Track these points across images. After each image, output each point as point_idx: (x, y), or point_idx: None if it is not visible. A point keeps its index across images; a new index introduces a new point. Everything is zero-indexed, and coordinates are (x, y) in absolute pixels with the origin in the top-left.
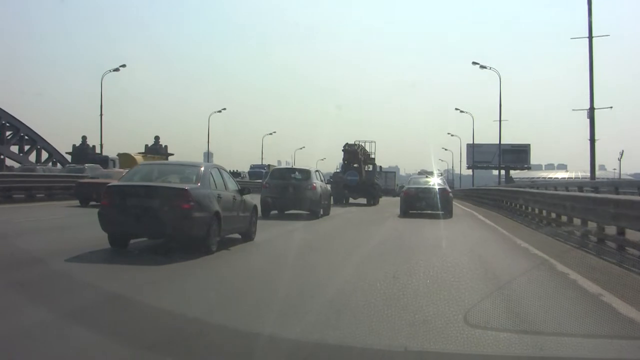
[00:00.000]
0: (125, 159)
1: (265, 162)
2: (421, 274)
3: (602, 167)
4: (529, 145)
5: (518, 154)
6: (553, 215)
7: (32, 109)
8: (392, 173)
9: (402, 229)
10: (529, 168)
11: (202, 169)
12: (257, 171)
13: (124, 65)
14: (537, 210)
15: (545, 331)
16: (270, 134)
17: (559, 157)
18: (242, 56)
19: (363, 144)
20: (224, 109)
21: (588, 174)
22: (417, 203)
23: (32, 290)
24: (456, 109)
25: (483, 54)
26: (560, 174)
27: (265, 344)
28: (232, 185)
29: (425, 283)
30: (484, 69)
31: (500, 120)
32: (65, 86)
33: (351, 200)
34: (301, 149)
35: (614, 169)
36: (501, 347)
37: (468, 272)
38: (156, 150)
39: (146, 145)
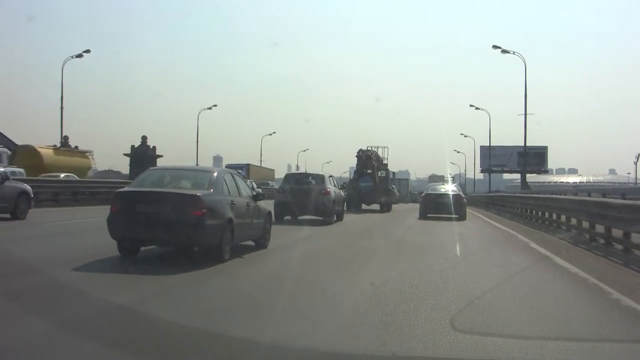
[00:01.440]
0: (26, 153)
1: (265, 165)
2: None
3: (612, 171)
4: (547, 147)
5: (534, 157)
6: None
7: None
8: (405, 180)
9: (418, 242)
10: (546, 172)
11: (215, 174)
12: None
13: (87, 51)
14: None
15: (529, 336)
16: (270, 134)
17: (568, 161)
18: (244, 57)
19: (375, 149)
20: (215, 105)
21: (600, 178)
22: (435, 208)
23: (31, 300)
24: (471, 105)
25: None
26: (572, 179)
27: (265, 351)
28: (245, 191)
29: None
30: (506, 54)
31: (525, 114)
32: (54, 85)
33: (365, 206)
34: (304, 151)
35: (628, 173)
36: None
37: None
38: (143, 151)
39: (132, 146)
